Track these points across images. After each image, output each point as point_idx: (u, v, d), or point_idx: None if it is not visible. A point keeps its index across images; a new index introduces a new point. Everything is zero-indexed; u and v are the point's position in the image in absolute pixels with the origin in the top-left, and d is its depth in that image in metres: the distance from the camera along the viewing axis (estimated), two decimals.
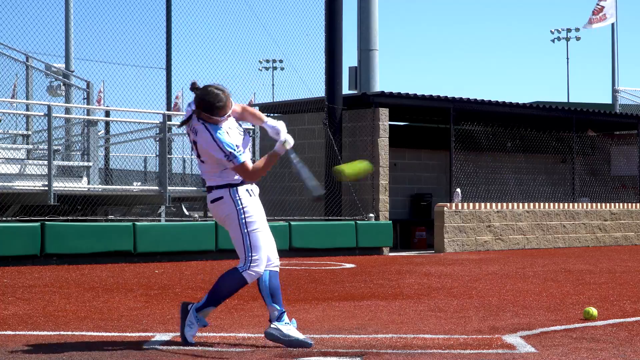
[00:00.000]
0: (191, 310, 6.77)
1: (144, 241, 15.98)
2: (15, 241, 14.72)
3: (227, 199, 6.69)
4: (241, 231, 6.70)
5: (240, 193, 6.69)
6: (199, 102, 6.66)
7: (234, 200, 6.68)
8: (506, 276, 13.53)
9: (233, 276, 6.74)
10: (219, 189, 6.71)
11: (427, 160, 24.27)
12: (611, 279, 13.06)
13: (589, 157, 25.31)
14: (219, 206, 6.73)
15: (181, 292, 10.92)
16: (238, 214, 6.68)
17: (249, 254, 6.69)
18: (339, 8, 20.11)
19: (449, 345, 6.80)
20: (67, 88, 18.74)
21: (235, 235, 6.73)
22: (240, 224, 6.68)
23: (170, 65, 20.82)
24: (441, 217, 20.66)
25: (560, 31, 64.53)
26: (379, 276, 13.44)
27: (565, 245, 23.00)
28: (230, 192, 6.68)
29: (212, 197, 6.76)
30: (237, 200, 6.68)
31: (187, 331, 6.75)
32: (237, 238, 6.72)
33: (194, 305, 6.79)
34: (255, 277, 6.71)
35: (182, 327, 6.78)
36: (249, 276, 6.70)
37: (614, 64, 30.82)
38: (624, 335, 7.34)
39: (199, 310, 6.77)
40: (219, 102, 6.63)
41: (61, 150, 18.35)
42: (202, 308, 6.76)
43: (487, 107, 22.25)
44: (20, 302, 9.63)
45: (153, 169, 20.57)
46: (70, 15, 18.93)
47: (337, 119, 19.90)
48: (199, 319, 6.77)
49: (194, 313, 6.76)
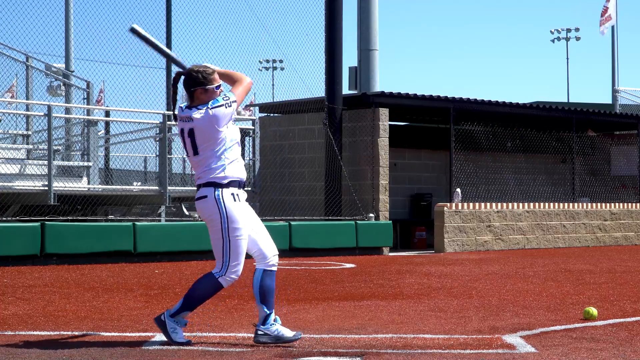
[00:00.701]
0: (166, 318, 6.76)
1: (144, 241, 15.98)
2: (15, 241, 14.72)
3: (211, 200, 6.68)
4: (222, 236, 6.69)
5: (225, 196, 6.68)
6: (190, 80, 6.72)
7: (217, 203, 6.67)
8: (506, 276, 13.52)
9: (209, 281, 6.75)
10: (204, 187, 6.72)
11: (427, 160, 24.28)
12: (611, 279, 13.06)
13: (589, 157, 25.32)
14: (203, 204, 6.74)
15: (181, 292, 10.91)
16: (221, 219, 6.67)
17: (227, 260, 6.70)
18: (339, 8, 20.11)
19: (449, 345, 6.80)
20: (67, 88, 18.74)
21: (215, 239, 6.73)
22: (223, 228, 6.68)
23: (171, 65, 20.80)
24: (441, 217, 20.66)
25: (560, 31, 64.57)
26: (379, 276, 13.44)
27: (565, 245, 23.00)
28: (215, 194, 6.67)
29: (197, 195, 6.79)
30: (221, 204, 6.67)
31: (174, 337, 6.74)
32: (217, 242, 6.73)
33: (167, 312, 6.79)
34: (231, 282, 6.76)
35: (168, 337, 6.76)
36: (225, 282, 6.74)
37: (614, 64, 30.82)
38: (624, 335, 7.34)
39: (174, 315, 6.76)
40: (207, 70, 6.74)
41: (61, 150, 18.36)
42: (177, 313, 6.76)
43: (487, 107, 22.26)
44: (20, 302, 9.63)
45: (153, 169, 20.57)
46: (70, 15, 18.93)
47: (337, 119, 19.90)
48: (177, 322, 6.77)
49: (170, 319, 6.75)
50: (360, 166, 20.29)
